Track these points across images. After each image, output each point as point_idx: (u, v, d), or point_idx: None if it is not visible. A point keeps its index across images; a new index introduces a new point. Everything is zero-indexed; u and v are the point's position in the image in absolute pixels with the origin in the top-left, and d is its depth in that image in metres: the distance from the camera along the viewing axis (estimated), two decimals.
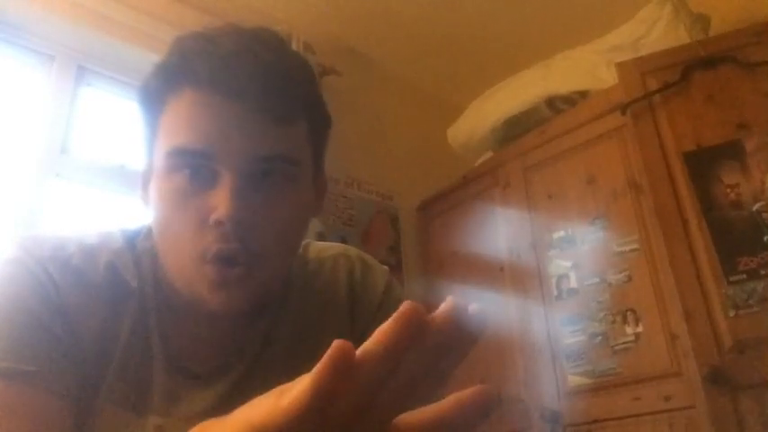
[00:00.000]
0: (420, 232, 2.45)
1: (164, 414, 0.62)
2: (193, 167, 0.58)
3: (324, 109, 0.68)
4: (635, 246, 1.74)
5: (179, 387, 0.63)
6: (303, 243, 0.75)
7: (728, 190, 1.60)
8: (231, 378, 0.65)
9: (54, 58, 1.86)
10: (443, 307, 0.32)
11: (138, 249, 0.67)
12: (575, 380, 1.78)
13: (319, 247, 0.78)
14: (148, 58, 2.18)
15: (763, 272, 1.50)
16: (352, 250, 0.78)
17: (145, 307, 0.64)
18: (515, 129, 2.22)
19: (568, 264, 1.88)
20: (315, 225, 1.83)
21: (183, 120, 0.59)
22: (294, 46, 2.00)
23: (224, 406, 0.51)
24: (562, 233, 1.92)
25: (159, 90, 0.62)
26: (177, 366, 0.64)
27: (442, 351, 0.32)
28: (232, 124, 0.58)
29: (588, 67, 2.08)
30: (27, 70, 1.84)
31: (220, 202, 0.56)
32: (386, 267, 0.78)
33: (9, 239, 0.65)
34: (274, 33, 0.65)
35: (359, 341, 0.31)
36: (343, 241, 2.02)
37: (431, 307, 0.32)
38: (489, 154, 2.34)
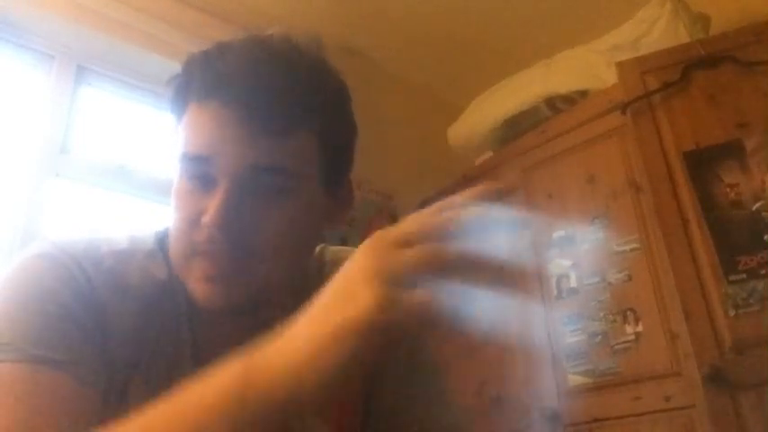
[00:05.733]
0: None
1: None
2: (198, 174, 0.61)
3: (342, 122, 0.69)
4: (635, 245, 1.74)
5: None
6: (319, 247, 0.77)
7: (728, 189, 1.60)
8: None
9: (54, 57, 1.86)
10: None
11: (167, 250, 0.67)
12: (575, 379, 1.78)
13: (335, 251, 0.79)
14: (148, 58, 2.20)
15: (763, 271, 1.50)
16: None
17: (176, 306, 0.65)
18: (515, 128, 2.21)
19: (568, 263, 1.88)
20: None
21: (189, 128, 0.63)
22: None
23: None
24: (562, 233, 1.92)
25: (174, 105, 0.66)
26: (204, 368, 0.65)
27: None
28: (228, 133, 0.60)
29: (588, 66, 2.07)
30: (27, 70, 1.84)
31: (211, 206, 0.59)
32: None
33: (34, 240, 0.65)
34: (293, 44, 0.66)
35: None
36: (344, 241, 2.02)
37: None
38: (489, 153, 2.34)
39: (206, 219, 0.59)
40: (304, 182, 0.63)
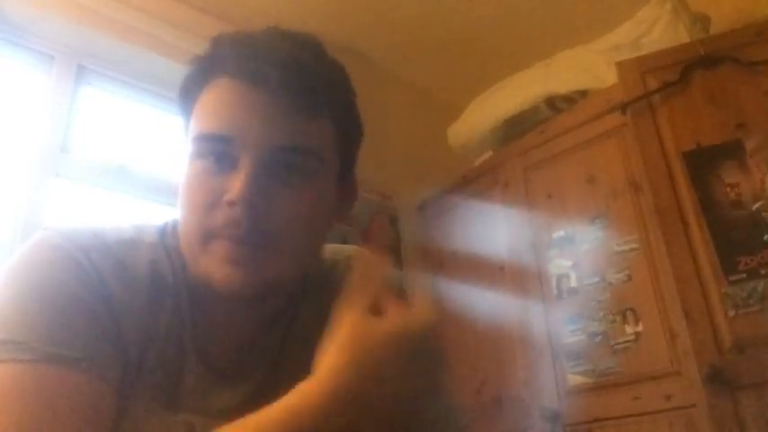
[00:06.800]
0: (420, 232, 2.45)
1: (194, 411, 0.62)
2: (216, 154, 0.60)
3: (355, 116, 0.70)
4: (635, 245, 1.74)
5: (209, 385, 0.64)
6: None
7: (728, 189, 1.60)
8: (256, 377, 0.67)
9: (54, 57, 1.86)
10: None
11: (168, 245, 0.66)
12: (575, 379, 1.78)
13: (333, 249, 0.79)
14: (148, 58, 2.20)
15: (763, 271, 1.50)
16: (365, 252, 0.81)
17: (179, 304, 0.64)
18: (515, 128, 2.21)
19: (568, 263, 1.88)
20: None
21: (210, 106, 0.62)
22: None
23: (250, 405, 0.52)
24: (562, 233, 1.92)
25: (194, 82, 0.64)
26: (208, 365, 0.65)
27: None
28: (255, 111, 0.59)
29: (588, 66, 2.08)
30: (27, 70, 1.84)
31: (235, 184, 0.58)
32: (399, 270, 0.81)
33: (41, 228, 0.64)
34: (316, 39, 0.66)
35: None
36: (344, 241, 2.02)
37: None
38: (489, 153, 2.34)
39: (230, 196, 0.57)
40: (326, 166, 0.64)
